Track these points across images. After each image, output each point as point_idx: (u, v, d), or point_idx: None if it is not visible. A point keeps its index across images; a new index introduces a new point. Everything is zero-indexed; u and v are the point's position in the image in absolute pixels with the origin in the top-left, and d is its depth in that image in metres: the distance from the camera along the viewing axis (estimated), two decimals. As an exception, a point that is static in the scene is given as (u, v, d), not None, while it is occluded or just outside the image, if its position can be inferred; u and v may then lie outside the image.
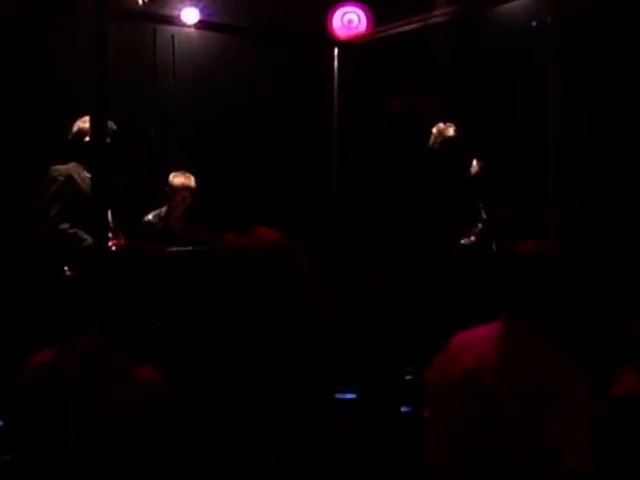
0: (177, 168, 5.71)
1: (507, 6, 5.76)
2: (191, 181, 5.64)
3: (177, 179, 5.63)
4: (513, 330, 2.46)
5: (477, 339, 2.52)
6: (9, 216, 5.21)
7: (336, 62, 6.46)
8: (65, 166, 4.74)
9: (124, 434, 2.35)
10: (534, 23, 5.07)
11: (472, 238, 5.13)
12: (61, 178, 4.69)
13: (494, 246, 4.96)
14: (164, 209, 5.68)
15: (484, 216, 5.21)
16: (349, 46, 6.46)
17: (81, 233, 4.59)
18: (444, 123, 5.28)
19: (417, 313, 4.38)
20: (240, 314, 3.86)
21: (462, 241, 5.07)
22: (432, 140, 5.11)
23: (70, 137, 4.79)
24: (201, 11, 6.02)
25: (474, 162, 5.35)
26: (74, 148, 4.73)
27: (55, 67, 5.67)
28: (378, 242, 4.61)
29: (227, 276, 3.93)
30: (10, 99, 5.46)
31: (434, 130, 5.17)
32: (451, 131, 5.23)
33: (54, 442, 2.42)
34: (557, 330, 2.45)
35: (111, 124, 4.40)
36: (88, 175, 4.47)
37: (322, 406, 4.11)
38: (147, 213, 5.71)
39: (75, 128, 4.77)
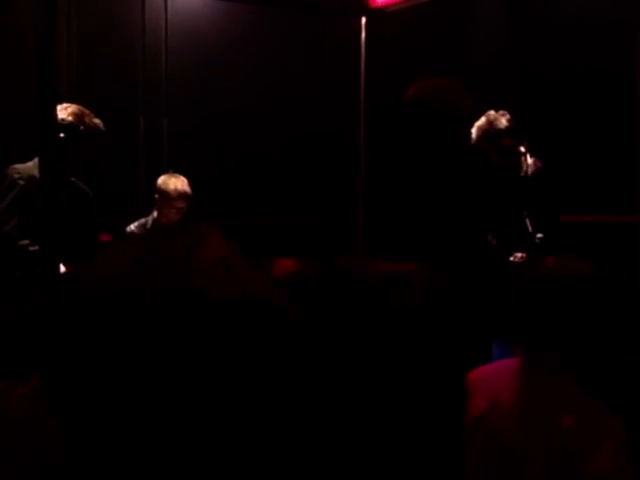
0: (171, 167, 5.14)
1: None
2: (186, 186, 4.85)
3: (170, 185, 4.82)
4: (531, 368, 2.26)
5: (490, 378, 2.35)
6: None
7: (363, 34, 5.82)
8: (25, 165, 4.11)
9: None
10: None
11: (522, 255, 4.49)
12: (22, 182, 4.07)
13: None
14: (150, 218, 4.90)
15: (530, 228, 4.52)
16: (380, 14, 5.82)
17: None
18: (496, 111, 4.51)
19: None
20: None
21: (511, 258, 4.51)
22: (477, 133, 4.40)
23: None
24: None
25: (529, 160, 4.52)
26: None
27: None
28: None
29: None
30: None
31: (482, 119, 4.43)
32: (504, 121, 4.43)
33: None
34: (584, 366, 2.23)
35: (99, 122, 4.01)
36: None
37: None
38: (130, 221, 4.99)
39: None
